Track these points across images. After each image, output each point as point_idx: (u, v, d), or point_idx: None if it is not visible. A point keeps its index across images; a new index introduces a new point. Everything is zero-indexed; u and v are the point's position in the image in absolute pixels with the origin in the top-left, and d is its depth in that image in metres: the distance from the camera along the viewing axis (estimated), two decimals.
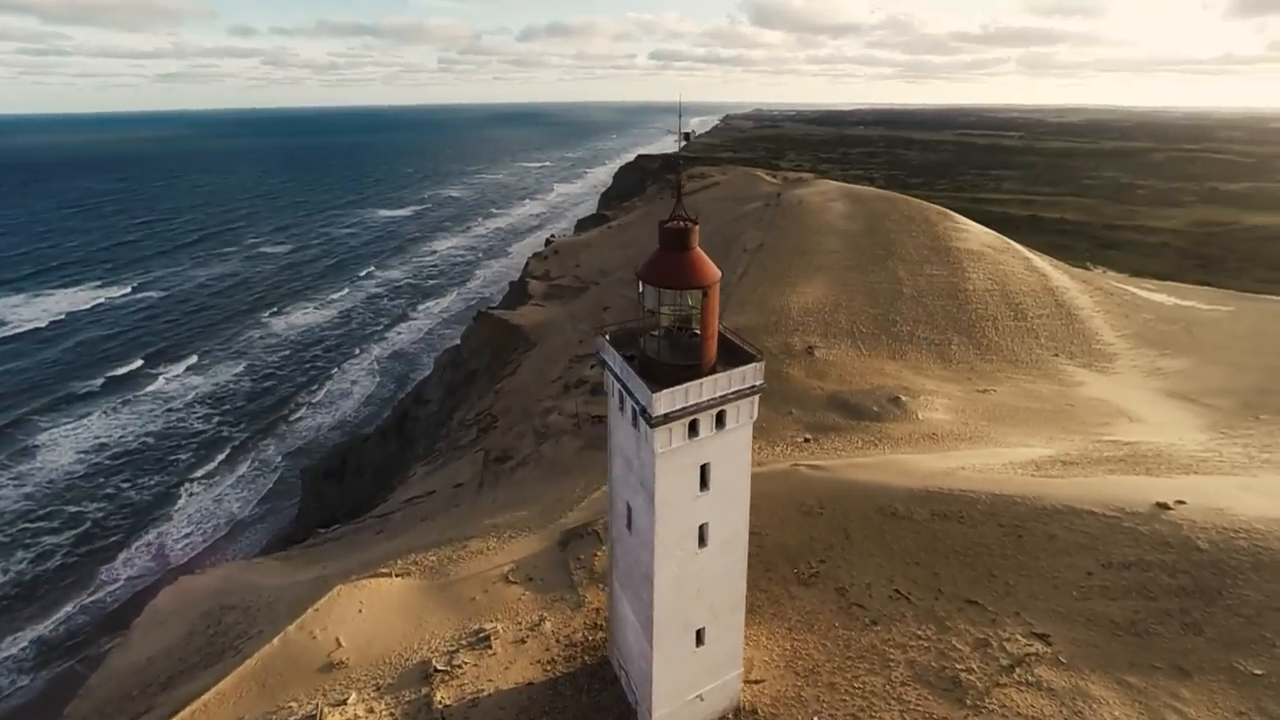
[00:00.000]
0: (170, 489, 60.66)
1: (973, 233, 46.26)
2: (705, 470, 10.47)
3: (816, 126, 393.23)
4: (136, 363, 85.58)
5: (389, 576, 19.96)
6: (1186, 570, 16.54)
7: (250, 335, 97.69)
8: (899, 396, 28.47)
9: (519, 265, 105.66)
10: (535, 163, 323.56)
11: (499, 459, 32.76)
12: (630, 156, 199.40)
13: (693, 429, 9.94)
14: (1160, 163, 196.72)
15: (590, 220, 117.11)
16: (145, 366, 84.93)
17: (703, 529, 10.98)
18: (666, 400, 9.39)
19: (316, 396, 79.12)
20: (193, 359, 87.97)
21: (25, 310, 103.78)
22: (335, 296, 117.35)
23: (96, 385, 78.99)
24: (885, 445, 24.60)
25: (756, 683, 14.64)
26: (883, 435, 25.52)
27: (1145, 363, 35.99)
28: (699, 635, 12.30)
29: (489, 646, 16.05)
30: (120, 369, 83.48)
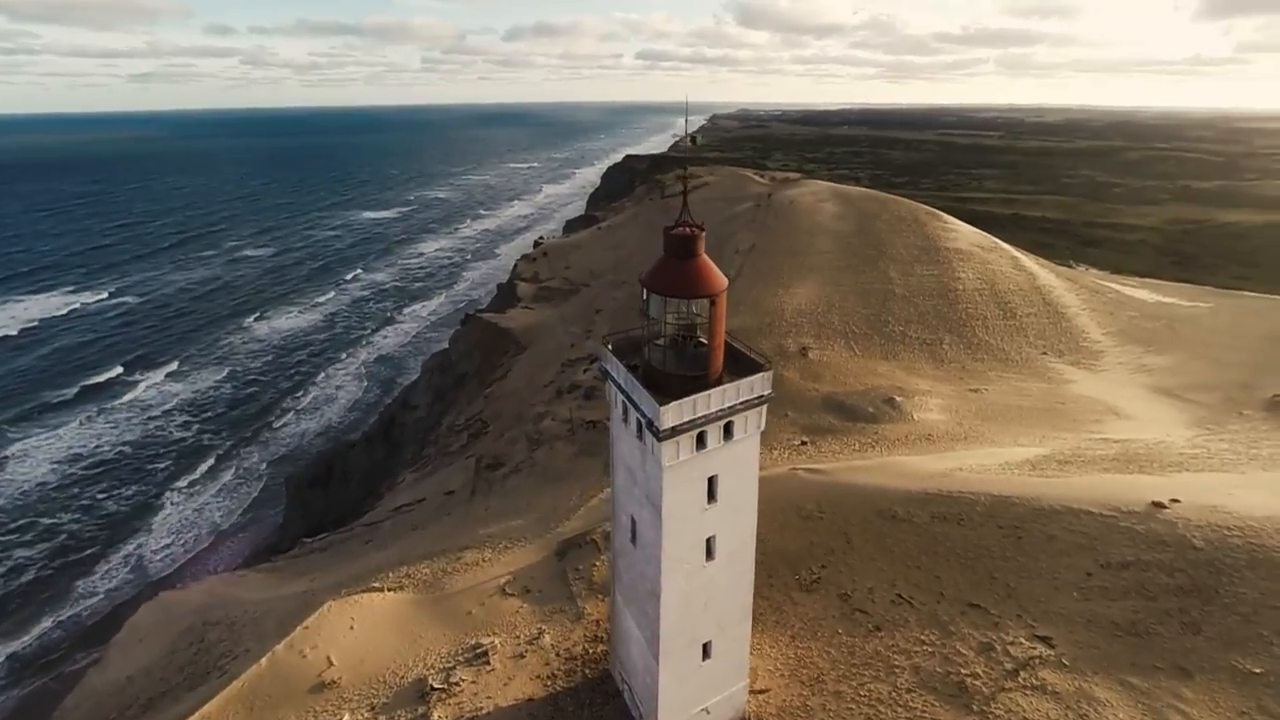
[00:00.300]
0: (150, 499, 59.06)
1: (961, 232, 46.67)
2: (713, 482, 10.18)
3: (802, 126, 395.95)
4: (114, 370, 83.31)
5: (381, 591, 19.43)
6: (1183, 569, 16.63)
7: (232, 340, 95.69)
8: (893, 397, 28.50)
9: (507, 267, 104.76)
10: (522, 163, 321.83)
11: (491, 466, 32.24)
12: (618, 157, 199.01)
13: (700, 441, 9.65)
14: (1135, 161, 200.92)
15: (579, 221, 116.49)
16: (123, 374, 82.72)
17: (710, 541, 10.70)
18: (674, 413, 9.09)
19: (301, 402, 77.66)
20: (172, 365, 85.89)
21: None
22: (320, 300, 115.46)
23: (71, 394, 76.74)
24: (882, 447, 24.58)
25: (761, 692, 14.41)
26: (879, 437, 25.51)
27: (1131, 360, 36.51)
28: (705, 649, 12.04)
29: (487, 662, 15.63)
30: (97, 377, 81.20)
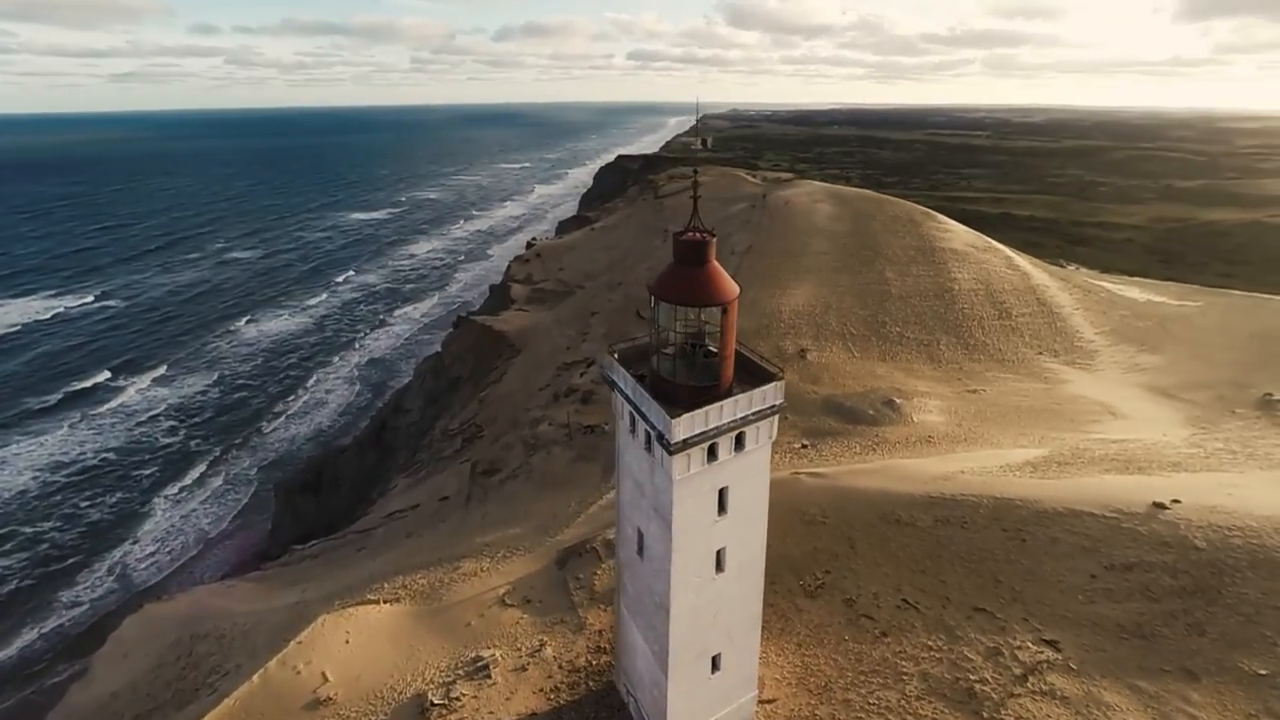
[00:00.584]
0: (135, 507, 57.88)
1: (956, 233, 46.81)
2: (724, 494, 9.94)
3: (792, 126, 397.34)
4: (99, 375, 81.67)
5: (377, 603, 19.00)
6: (1186, 570, 16.62)
7: (220, 344, 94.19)
8: (893, 399, 28.42)
9: (500, 269, 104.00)
10: (514, 164, 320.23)
11: (487, 471, 31.79)
12: (610, 157, 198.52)
13: (712, 453, 9.40)
14: (1120, 161, 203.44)
15: (572, 222, 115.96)
16: (108, 379, 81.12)
17: (720, 554, 10.45)
18: (686, 425, 8.82)
19: (291, 407, 76.52)
20: (159, 370, 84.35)
21: None
22: (310, 303, 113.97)
23: (54, 400, 75.12)
24: (883, 450, 24.46)
25: (769, 702, 14.20)
26: (880, 439, 25.40)
27: (1125, 359, 36.76)
28: (715, 661, 11.80)
29: (488, 676, 15.28)
30: (81, 382, 79.56)
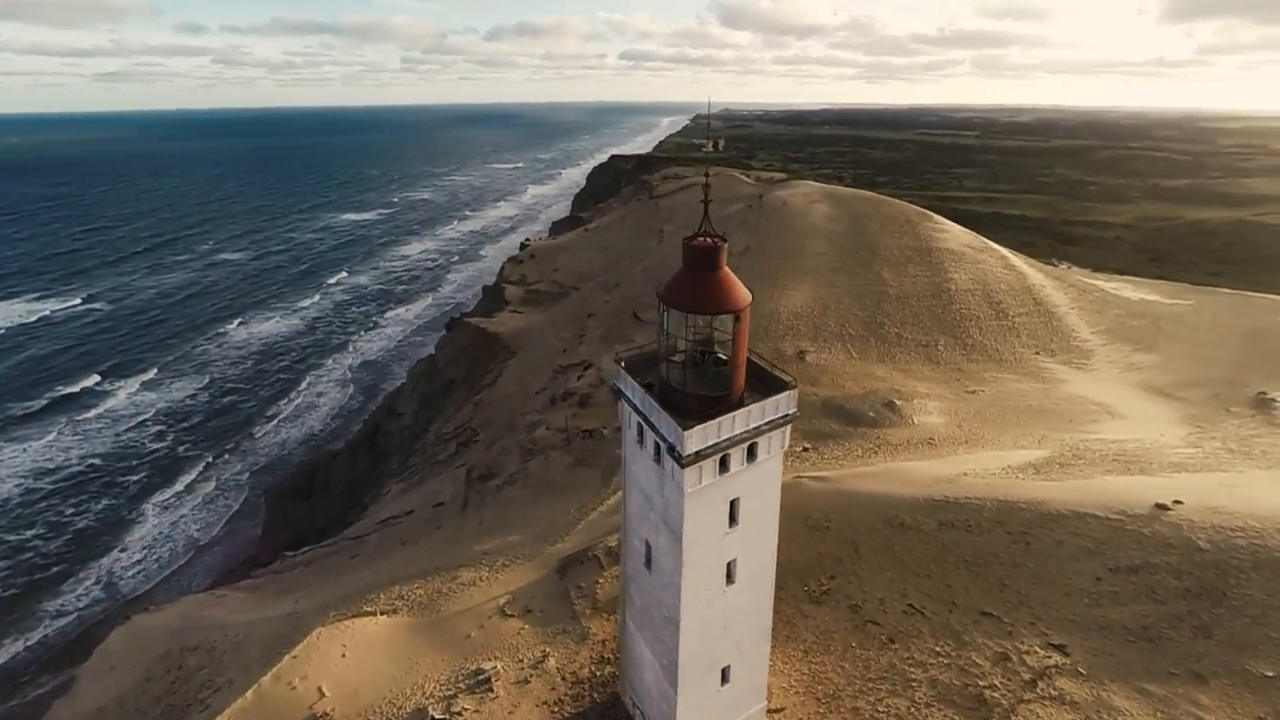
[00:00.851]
0: (123, 514, 56.90)
1: (952, 233, 46.88)
2: (735, 505, 9.68)
3: (784, 126, 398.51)
4: (85, 380, 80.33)
5: (374, 614, 18.57)
6: (1191, 571, 16.57)
7: (210, 348, 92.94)
8: (893, 400, 28.32)
9: (493, 270, 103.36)
10: (506, 164, 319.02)
11: (483, 476, 31.36)
12: (603, 157, 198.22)
13: (723, 464, 9.14)
14: (1107, 160, 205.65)
15: (565, 222, 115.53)
16: (95, 383, 79.80)
17: (731, 566, 10.20)
18: (699, 437, 8.55)
19: (282, 411, 75.59)
20: (148, 374, 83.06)
21: None
22: (301, 305, 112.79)
23: (40, 405, 73.79)
24: (885, 452, 24.33)
25: (778, 711, 13.97)
26: (881, 442, 25.27)
27: (1120, 358, 36.92)
28: (724, 674, 11.55)
29: (490, 689, 14.94)
30: (67, 387, 78.19)
